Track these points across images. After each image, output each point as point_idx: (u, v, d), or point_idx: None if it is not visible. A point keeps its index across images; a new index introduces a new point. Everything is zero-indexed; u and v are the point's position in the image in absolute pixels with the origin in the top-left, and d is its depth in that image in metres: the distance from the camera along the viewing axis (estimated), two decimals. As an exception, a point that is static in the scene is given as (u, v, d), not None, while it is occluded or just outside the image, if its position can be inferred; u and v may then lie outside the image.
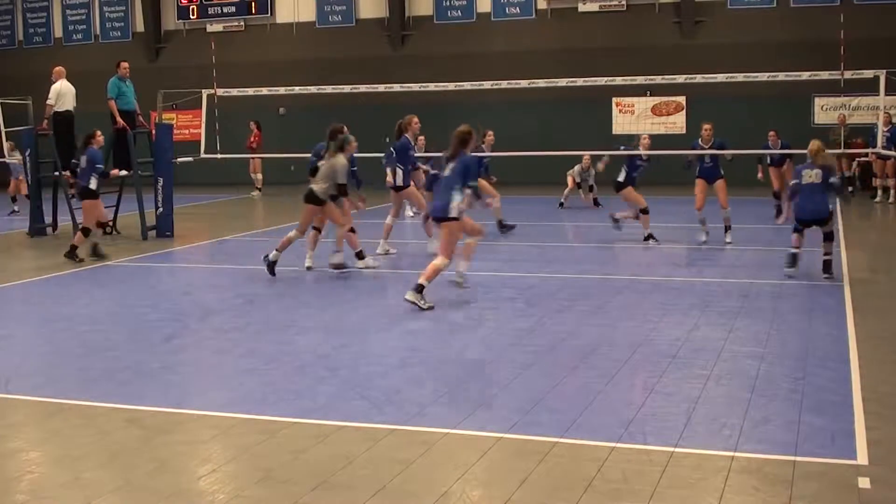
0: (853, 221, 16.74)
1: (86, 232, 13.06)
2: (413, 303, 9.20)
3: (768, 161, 17.35)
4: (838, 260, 12.02)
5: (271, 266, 11.31)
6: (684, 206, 15.78)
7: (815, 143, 11.17)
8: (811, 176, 10.85)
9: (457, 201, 9.51)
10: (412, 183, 13.66)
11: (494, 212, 15.02)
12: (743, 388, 6.50)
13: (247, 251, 14.14)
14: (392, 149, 13.32)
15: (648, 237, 13.75)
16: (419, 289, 9.25)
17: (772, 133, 16.94)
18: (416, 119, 13.41)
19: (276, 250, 11.32)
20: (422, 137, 15.73)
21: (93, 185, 13.12)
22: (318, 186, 11.35)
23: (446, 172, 9.79)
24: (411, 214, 17.38)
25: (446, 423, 5.81)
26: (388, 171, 13.21)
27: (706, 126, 14.04)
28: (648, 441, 5.44)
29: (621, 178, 13.87)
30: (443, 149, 10.41)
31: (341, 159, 11.39)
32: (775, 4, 24.42)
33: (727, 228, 13.78)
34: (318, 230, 12.10)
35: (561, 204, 19.21)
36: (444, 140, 10.47)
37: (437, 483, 4.88)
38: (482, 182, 13.64)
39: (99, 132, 13.69)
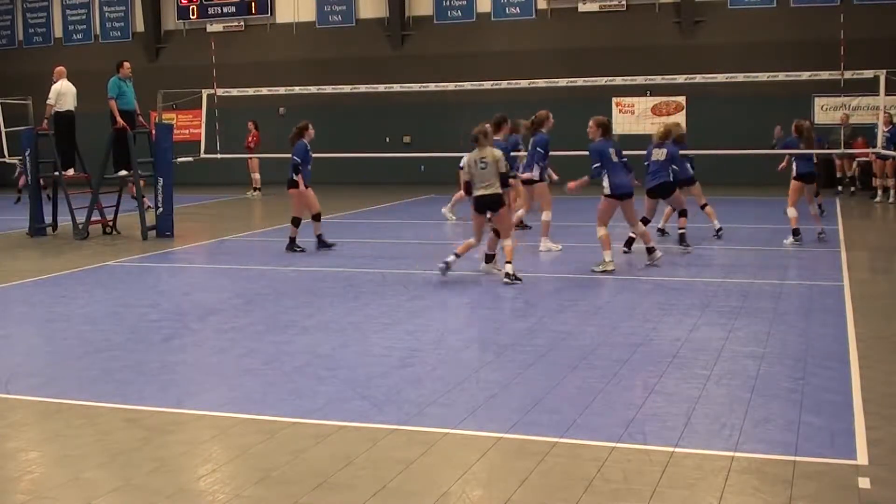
0: (853, 221, 16.74)
1: (296, 222, 13.49)
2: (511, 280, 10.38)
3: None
4: (838, 260, 12.04)
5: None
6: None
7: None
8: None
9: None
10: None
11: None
12: (743, 388, 6.50)
13: (247, 251, 14.15)
14: (537, 146, 13.66)
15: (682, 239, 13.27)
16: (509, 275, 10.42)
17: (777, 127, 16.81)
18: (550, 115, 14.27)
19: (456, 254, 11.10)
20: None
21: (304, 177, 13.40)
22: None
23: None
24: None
25: (446, 423, 5.81)
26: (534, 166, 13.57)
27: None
28: (648, 441, 5.44)
29: (670, 177, 13.17)
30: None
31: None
32: (775, 4, 24.43)
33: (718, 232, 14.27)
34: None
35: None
36: (444, 140, 10.49)
37: (437, 483, 4.88)
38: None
39: (310, 125, 13.71)
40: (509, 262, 10.62)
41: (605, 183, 11.44)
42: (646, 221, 12.56)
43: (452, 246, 13.87)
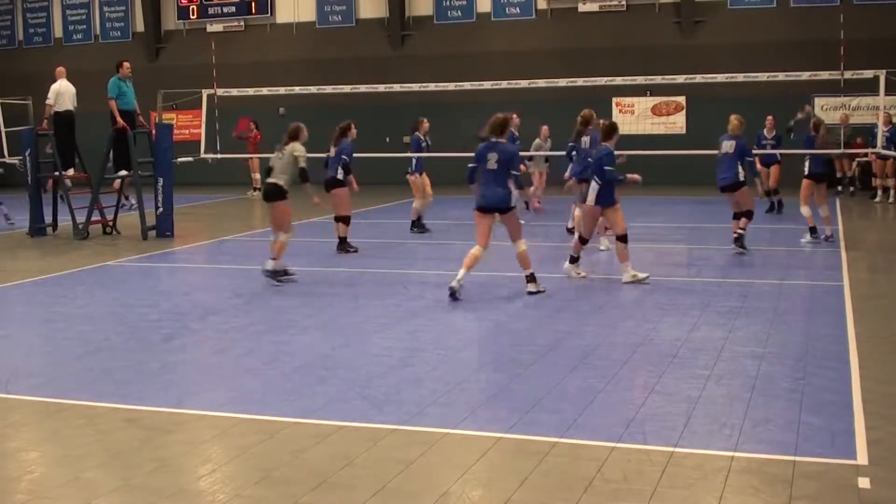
0: (853, 221, 16.74)
1: (346, 220, 13.45)
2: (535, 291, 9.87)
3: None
4: (838, 260, 12.04)
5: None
6: (683, 207, 15.77)
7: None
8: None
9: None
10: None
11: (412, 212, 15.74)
12: (743, 388, 6.50)
13: (247, 251, 14.13)
14: None
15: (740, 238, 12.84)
16: (530, 277, 9.98)
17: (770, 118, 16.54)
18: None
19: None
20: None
21: (339, 175, 13.48)
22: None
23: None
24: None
25: (446, 423, 5.81)
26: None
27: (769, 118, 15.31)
28: (648, 441, 5.44)
29: (741, 177, 12.54)
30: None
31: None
32: (775, 4, 24.42)
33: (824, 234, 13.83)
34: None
35: None
36: (444, 140, 10.52)
37: (437, 483, 4.88)
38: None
39: (353, 124, 13.90)
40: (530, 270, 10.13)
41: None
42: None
43: (452, 250, 13.88)
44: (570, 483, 4.84)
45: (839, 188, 21.79)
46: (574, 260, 10.99)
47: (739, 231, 12.48)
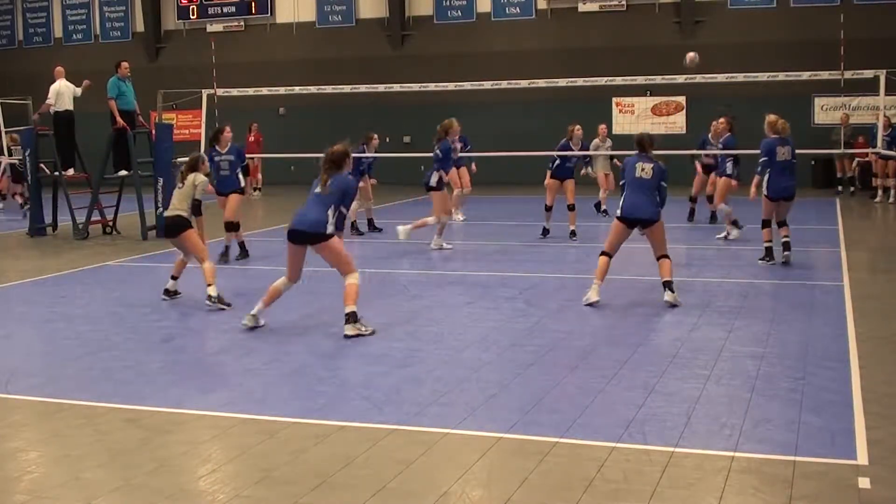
0: (853, 221, 16.74)
1: (233, 226, 12.77)
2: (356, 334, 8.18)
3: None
4: (838, 260, 12.04)
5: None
6: (683, 207, 15.77)
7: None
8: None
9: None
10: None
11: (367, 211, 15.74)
12: (743, 388, 6.50)
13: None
14: (439, 151, 13.44)
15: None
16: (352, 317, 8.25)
17: (722, 120, 15.72)
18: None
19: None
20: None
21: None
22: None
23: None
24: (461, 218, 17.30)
25: (446, 423, 5.81)
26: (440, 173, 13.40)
27: (720, 121, 15.18)
28: (648, 441, 5.44)
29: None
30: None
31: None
32: (775, 4, 24.42)
33: (732, 223, 14.20)
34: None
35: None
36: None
37: (437, 483, 4.88)
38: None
39: (227, 128, 13.08)
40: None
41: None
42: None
43: (453, 250, 13.88)
44: (570, 483, 4.84)
45: (839, 188, 21.80)
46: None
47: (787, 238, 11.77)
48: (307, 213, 8.41)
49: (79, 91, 16.48)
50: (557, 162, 14.59)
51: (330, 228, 8.31)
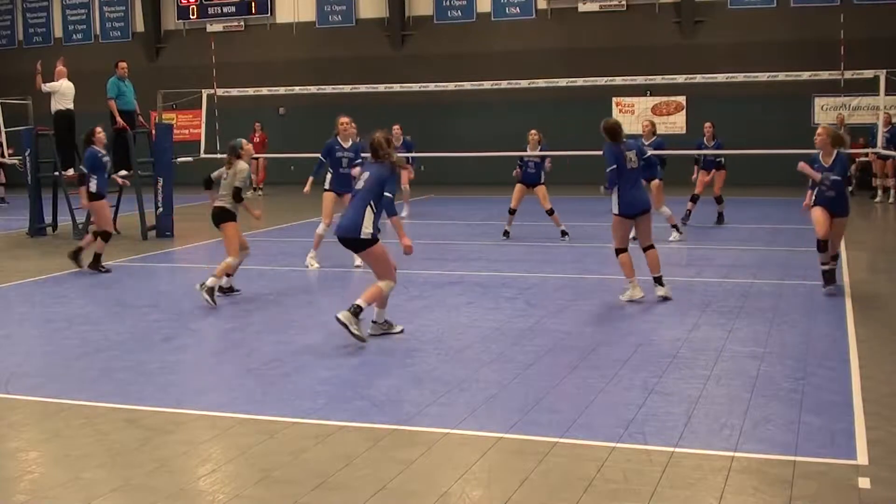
0: (853, 221, 16.72)
1: (105, 237, 12.22)
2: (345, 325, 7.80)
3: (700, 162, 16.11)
4: (838, 260, 12.02)
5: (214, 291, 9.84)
6: (683, 207, 15.77)
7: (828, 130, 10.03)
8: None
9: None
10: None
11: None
12: (743, 388, 6.50)
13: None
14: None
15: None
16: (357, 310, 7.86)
17: (708, 125, 15.76)
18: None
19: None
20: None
21: (92, 187, 12.38)
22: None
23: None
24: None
25: (446, 423, 5.81)
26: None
27: (645, 122, 14.85)
28: (648, 441, 5.43)
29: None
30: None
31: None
32: (775, 4, 24.42)
33: (673, 226, 14.16)
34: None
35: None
36: (444, 140, 10.41)
37: (437, 483, 4.88)
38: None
39: (99, 129, 13.03)
40: None
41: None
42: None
43: (453, 251, 13.87)
44: (570, 483, 4.84)
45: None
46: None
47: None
48: (345, 216, 8.14)
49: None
50: (519, 168, 14.80)
51: (366, 232, 7.93)
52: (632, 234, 10.20)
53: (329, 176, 12.13)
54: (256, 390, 6.69)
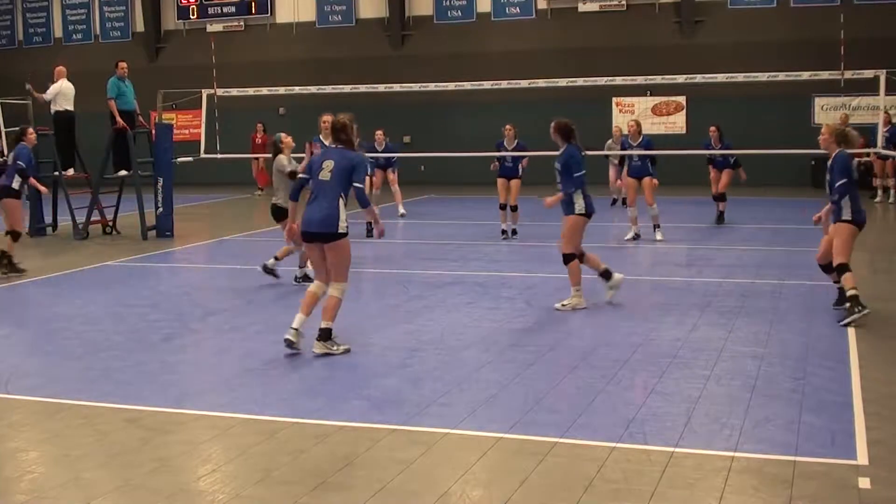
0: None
1: (15, 236, 12.05)
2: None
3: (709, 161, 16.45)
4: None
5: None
6: (683, 207, 15.77)
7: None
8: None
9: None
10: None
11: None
12: (743, 388, 6.50)
13: (247, 251, 14.13)
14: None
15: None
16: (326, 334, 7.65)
17: (713, 128, 16.00)
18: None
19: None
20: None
21: (14, 184, 12.13)
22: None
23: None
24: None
25: (446, 423, 5.81)
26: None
27: (630, 122, 14.96)
28: (648, 441, 5.44)
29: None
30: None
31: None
32: (775, 4, 24.42)
33: (656, 227, 14.11)
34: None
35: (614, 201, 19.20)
36: (444, 140, 10.40)
37: (437, 483, 4.88)
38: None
39: (31, 130, 12.85)
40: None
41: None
42: None
43: (454, 251, 13.88)
44: (570, 483, 4.84)
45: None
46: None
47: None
48: (315, 209, 7.59)
49: None
50: (497, 161, 15.02)
51: (342, 226, 7.57)
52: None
53: None
54: (256, 390, 6.70)
